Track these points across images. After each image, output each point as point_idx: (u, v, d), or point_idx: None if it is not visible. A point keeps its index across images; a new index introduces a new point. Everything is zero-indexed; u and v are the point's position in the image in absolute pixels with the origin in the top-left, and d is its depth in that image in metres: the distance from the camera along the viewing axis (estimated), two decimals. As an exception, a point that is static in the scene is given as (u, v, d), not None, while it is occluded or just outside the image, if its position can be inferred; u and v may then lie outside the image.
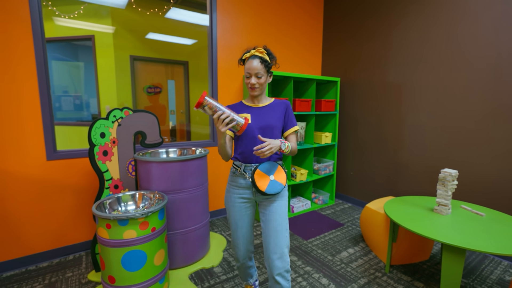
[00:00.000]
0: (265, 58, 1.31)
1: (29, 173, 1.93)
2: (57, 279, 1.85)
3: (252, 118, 1.35)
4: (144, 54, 3.08)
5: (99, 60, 2.80)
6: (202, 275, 1.91)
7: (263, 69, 1.30)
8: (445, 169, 1.71)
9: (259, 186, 1.22)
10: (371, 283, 1.83)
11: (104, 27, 2.62)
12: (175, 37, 2.93)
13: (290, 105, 1.43)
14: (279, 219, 1.29)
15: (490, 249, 1.30)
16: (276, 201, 1.32)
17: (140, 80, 3.26)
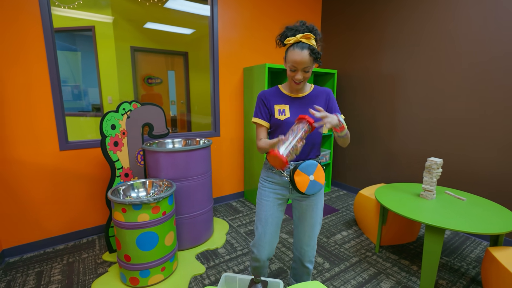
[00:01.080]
0: (314, 46, 1.11)
1: (44, 163, 2.06)
2: (74, 259, 2.01)
3: (292, 111, 1.23)
4: (144, 45, 3.14)
5: (100, 51, 2.86)
6: (207, 255, 2.08)
7: (311, 61, 1.12)
8: (431, 158, 1.86)
9: (299, 187, 1.16)
10: (361, 262, 2.01)
11: (104, 17, 2.67)
12: (175, 27, 2.98)
13: (332, 93, 1.29)
14: (316, 216, 1.31)
15: (464, 228, 1.47)
16: (314, 198, 1.30)
17: (140, 71, 3.34)
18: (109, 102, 2.97)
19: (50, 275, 1.83)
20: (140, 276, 1.66)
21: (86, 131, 2.32)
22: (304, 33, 1.11)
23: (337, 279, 1.81)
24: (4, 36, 1.85)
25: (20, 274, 1.84)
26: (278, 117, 1.24)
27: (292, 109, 1.23)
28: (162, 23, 2.93)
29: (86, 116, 2.41)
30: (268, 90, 1.30)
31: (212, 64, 2.90)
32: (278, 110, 1.24)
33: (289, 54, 1.12)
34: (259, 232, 1.30)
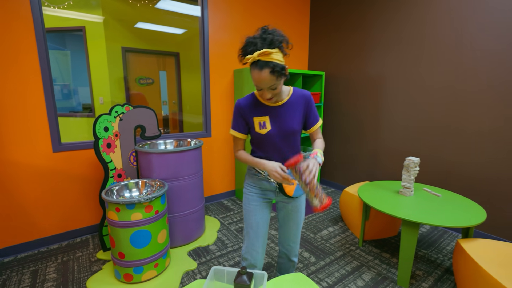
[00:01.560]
0: (275, 62, 1.02)
1: (38, 164, 2.10)
2: (68, 258, 2.06)
3: (272, 123, 1.20)
4: (135, 46, 3.18)
5: (91, 51, 2.89)
6: (199, 252, 2.16)
7: (275, 78, 1.05)
8: (409, 157, 1.99)
9: (287, 192, 1.21)
10: (345, 255, 2.13)
11: (94, 17, 2.69)
12: (166, 27, 3.03)
13: (311, 98, 1.25)
14: (301, 216, 1.38)
15: (437, 222, 1.59)
16: (298, 200, 1.36)
17: (132, 71, 3.37)
18: (101, 102, 3.00)
19: (45, 273, 1.89)
20: (134, 272, 1.73)
21: (78, 131, 2.36)
22: (262, 49, 1.00)
23: (322, 272, 1.93)
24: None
25: (15, 273, 1.89)
26: (259, 131, 1.21)
27: (272, 119, 1.20)
28: (153, 23, 2.97)
29: (77, 117, 2.44)
30: (245, 100, 1.23)
31: (203, 66, 2.97)
32: (258, 123, 1.21)
33: (251, 74, 1.07)
34: (251, 237, 1.30)
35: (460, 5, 2.29)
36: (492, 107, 2.18)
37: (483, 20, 2.17)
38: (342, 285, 1.79)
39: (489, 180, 2.25)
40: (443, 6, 2.39)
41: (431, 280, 1.84)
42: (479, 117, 2.26)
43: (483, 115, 2.24)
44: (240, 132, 1.26)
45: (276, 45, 1.03)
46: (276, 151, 1.25)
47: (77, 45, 2.67)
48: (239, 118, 1.24)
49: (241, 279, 1.06)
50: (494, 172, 2.22)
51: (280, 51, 1.05)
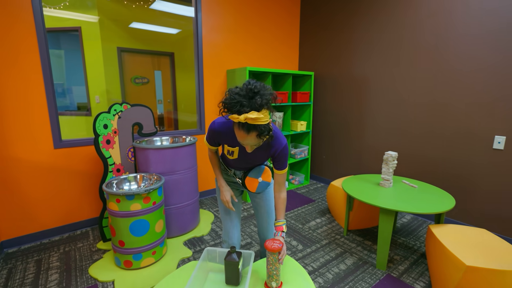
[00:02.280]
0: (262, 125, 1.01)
1: (40, 160, 2.21)
2: (70, 248, 2.18)
3: (239, 153, 1.31)
4: (131, 46, 3.29)
5: (87, 51, 2.99)
6: (194, 242, 2.30)
7: (261, 140, 1.08)
8: (388, 152, 2.16)
9: (250, 189, 1.40)
10: (330, 243, 2.29)
11: (90, 17, 2.78)
12: (160, 27, 3.13)
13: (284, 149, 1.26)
14: (269, 204, 1.54)
15: (410, 209, 1.76)
16: (264, 192, 1.51)
17: (127, 71, 3.48)
18: (97, 101, 3.11)
19: (48, 262, 2.01)
20: (133, 259, 1.87)
21: (76, 129, 2.46)
22: (250, 112, 0.96)
23: (308, 257, 2.08)
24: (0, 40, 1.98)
25: (20, 262, 2.00)
26: (226, 155, 1.37)
27: (241, 152, 1.30)
28: (148, 23, 3.08)
29: (73, 115, 2.53)
30: (221, 127, 1.23)
31: (197, 67, 3.09)
32: (227, 150, 1.33)
33: (236, 131, 1.05)
34: (226, 224, 1.49)
35: (439, 9, 2.46)
36: (469, 108, 2.37)
37: (462, 23, 2.35)
38: (326, 268, 1.95)
39: (461, 174, 2.44)
40: (423, 10, 2.57)
41: (407, 264, 2.02)
42: (457, 116, 2.44)
43: (460, 116, 2.42)
44: (213, 146, 1.38)
45: (263, 107, 1.00)
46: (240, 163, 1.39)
47: (72, 44, 2.75)
48: (212, 137, 1.31)
49: (231, 257, 1.20)
50: (466, 167, 2.40)
51: (268, 110, 1.03)
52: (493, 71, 2.19)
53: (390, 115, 2.93)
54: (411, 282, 1.82)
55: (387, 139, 2.98)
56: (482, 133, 2.29)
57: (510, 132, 2.15)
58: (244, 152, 1.31)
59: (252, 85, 1.00)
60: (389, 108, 2.92)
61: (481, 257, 1.45)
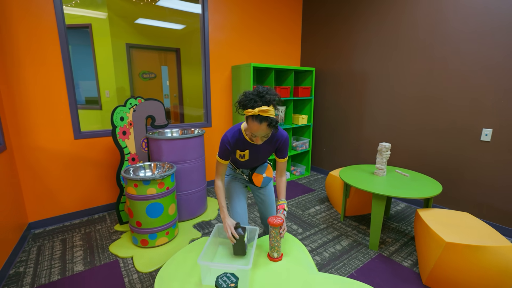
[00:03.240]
0: (271, 118, 1.23)
1: (61, 150, 2.42)
2: (90, 230, 2.40)
3: (250, 154, 1.50)
4: (139, 42, 3.45)
5: (97, 47, 3.16)
6: (202, 225, 2.51)
7: (270, 130, 1.27)
8: (382, 143, 2.33)
9: (256, 183, 1.60)
10: (328, 227, 2.48)
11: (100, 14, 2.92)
12: (167, 23, 3.28)
13: (286, 141, 1.50)
14: (272, 197, 1.73)
15: (399, 194, 1.94)
16: (267, 187, 1.72)
17: (135, 66, 3.65)
18: (107, 96, 3.29)
19: (72, 241, 2.23)
20: (149, 238, 2.08)
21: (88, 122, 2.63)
22: (261, 106, 1.20)
23: (307, 239, 2.28)
24: (28, 41, 2.17)
25: (48, 241, 2.22)
26: (238, 158, 1.53)
27: (251, 152, 1.49)
28: (155, 19, 3.22)
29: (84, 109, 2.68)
30: (232, 136, 1.43)
31: (204, 63, 3.26)
32: (239, 154, 1.51)
33: (249, 124, 1.25)
34: (235, 211, 1.63)
35: (434, 8, 2.60)
36: (460, 102, 2.52)
37: (454, 23, 2.49)
38: (323, 249, 2.15)
39: (451, 164, 2.60)
40: (419, 9, 2.70)
41: (397, 245, 2.21)
42: (448, 110, 2.60)
43: (451, 109, 2.58)
44: (224, 160, 1.49)
45: (272, 103, 1.24)
46: (246, 168, 1.60)
47: (83, 41, 2.91)
48: (225, 150, 1.45)
49: (237, 231, 1.40)
50: (455, 158, 2.57)
51: (274, 108, 1.26)
52: (482, 68, 2.34)
53: (386, 110, 3.09)
54: (400, 261, 2.01)
55: (383, 132, 3.15)
56: (471, 126, 2.45)
57: (496, 125, 2.31)
58: (253, 152, 1.50)
59: (261, 89, 1.26)
60: (386, 102, 3.08)
61: (460, 235, 1.63)
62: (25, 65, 2.19)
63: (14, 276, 1.82)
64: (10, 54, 2.12)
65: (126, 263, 1.96)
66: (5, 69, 2.12)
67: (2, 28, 2.07)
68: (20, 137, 2.23)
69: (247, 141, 1.45)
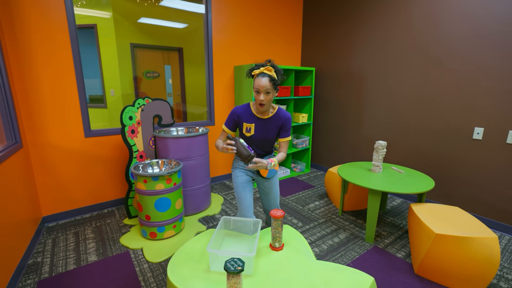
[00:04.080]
0: (273, 76, 1.50)
1: (73, 147, 2.54)
2: (101, 224, 2.53)
3: (256, 130, 1.64)
4: (143, 42, 3.54)
5: (102, 47, 3.27)
6: (207, 219, 2.63)
7: (271, 86, 1.50)
8: (378, 141, 2.44)
9: (263, 174, 1.69)
10: (327, 222, 2.61)
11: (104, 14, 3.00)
12: (169, 22, 3.34)
13: (289, 120, 1.67)
14: (276, 190, 1.83)
15: (393, 190, 2.06)
16: (272, 179, 1.80)
17: (140, 65, 3.76)
18: (112, 94, 3.40)
19: (85, 234, 2.36)
20: (157, 231, 2.20)
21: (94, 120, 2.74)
22: (266, 66, 1.54)
23: (306, 232, 2.41)
24: (41, 42, 2.28)
25: (61, 234, 2.35)
26: (244, 133, 1.71)
27: (257, 127, 1.65)
28: (158, 18, 3.30)
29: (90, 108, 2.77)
30: (241, 109, 1.68)
31: (207, 63, 3.36)
32: (245, 127, 1.69)
33: (255, 81, 1.53)
34: (241, 202, 1.72)
35: (429, 10, 2.70)
36: (453, 102, 2.63)
37: (449, 25, 2.59)
38: (322, 241, 2.28)
39: (444, 161, 2.72)
40: (415, 10, 2.80)
41: (392, 238, 2.33)
42: (441, 110, 2.71)
43: (444, 109, 2.69)
44: (228, 129, 1.73)
45: (276, 69, 1.55)
46: (254, 146, 1.74)
47: (88, 40, 3.00)
48: (232, 120, 1.70)
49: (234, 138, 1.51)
50: (449, 155, 2.68)
51: (275, 74, 1.54)
52: (475, 68, 2.44)
53: (384, 109, 3.19)
54: (394, 252, 2.14)
55: (380, 131, 3.26)
56: (463, 125, 2.56)
57: (488, 123, 2.42)
58: (259, 127, 1.65)
59: (269, 61, 1.58)
60: (383, 102, 3.19)
61: (449, 227, 1.75)
62: (39, 67, 2.30)
63: (33, 266, 1.95)
64: (26, 57, 2.23)
65: (136, 254, 2.09)
66: (22, 71, 2.23)
67: (18, 32, 2.18)
68: (34, 136, 2.35)
69: (254, 116, 1.64)
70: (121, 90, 3.48)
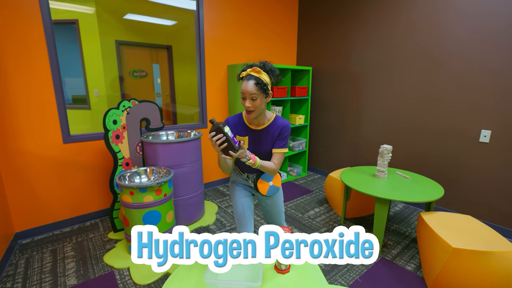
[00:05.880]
0: (261, 78, 1.25)
1: (49, 155, 2.28)
2: (82, 239, 2.28)
3: (250, 142, 1.41)
4: (128, 39, 3.29)
5: (84, 44, 3.00)
6: (201, 231, 2.43)
7: (258, 91, 1.25)
8: (383, 145, 2.30)
9: (261, 192, 1.46)
10: (329, 230, 2.45)
11: (87, 9, 2.78)
12: (156, 18, 3.09)
13: (286, 128, 1.40)
14: (280, 208, 1.63)
15: (402, 198, 1.92)
16: (275, 196, 1.58)
17: (126, 64, 3.50)
18: (96, 95, 3.14)
19: (63, 252, 2.11)
20: (146, 247, 1.98)
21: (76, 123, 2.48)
22: (256, 68, 1.27)
23: (308, 244, 2.24)
24: (8, 36, 2.01)
25: (36, 252, 2.10)
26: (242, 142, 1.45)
27: (251, 140, 1.41)
28: (144, 14, 3.04)
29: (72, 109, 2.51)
30: (233, 119, 1.43)
31: (199, 62, 3.15)
32: (238, 140, 1.41)
33: (241, 86, 1.29)
34: (240, 221, 1.51)
35: (431, 9, 2.58)
36: (459, 104, 2.52)
37: (452, 25, 2.48)
38: (326, 253, 2.11)
39: (450, 165, 2.61)
40: (417, 9, 2.68)
41: (399, 248, 2.20)
42: (447, 111, 2.60)
43: (450, 110, 2.58)
44: None
45: (267, 70, 1.30)
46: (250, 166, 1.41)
47: (68, 37, 2.74)
48: None
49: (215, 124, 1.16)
50: (454, 159, 2.58)
51: (268, 76, 1.30)
52: (481, 69, 2.34)
53: (384, 110, 3.07)
54: (403, 264, 2.00)
55: (381, 132, 3.14)
56: (469, 128, 2.46)
57: (495, 126, 2.32)
58: (253, 140, 1.42)
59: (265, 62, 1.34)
60: (383, 103, 3.06)
61: (466, 240, 1.62)
62: (9, 65, 2.03)
63: (1, 293, 1.70)
64: (-9, 53, 1.97)
65: (122, 274, 1.86)
66: (-14, 69, 1.97)
67: (-18, 25, 1.91)
68: (3, 143, 2.08)
69: (247, 127, 1.42)
70: (105, 90, 3.23)
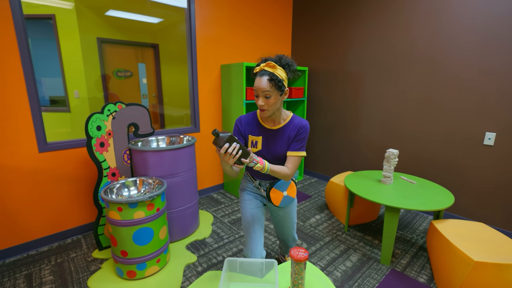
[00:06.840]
0: (276, 74, 1.15)
1: (23, 166, 2.01)
2: (63, 259, 2.03)
3: (263, 143, 1.30)
4: (112, 36, 3.04)
5: (62, 41, 2.73)
6: (196, 245, 2.23)
7: (272, 88, 1.15)
8: (389, 149, 2.20)
9: (274, 202, 1.35)
10: (333, 240, 2.32)
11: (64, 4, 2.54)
12: (141, 16, 2.89)
13: (304, 129, 1.28)
14: (292, 219, 1.54)
15: (414, 207, 1.81)
16: (288, 207, 1.48)
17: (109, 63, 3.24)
18: (76, 96, 2.87)
19: (40, 276, 1.85)
20: (137, 269, 1.77)
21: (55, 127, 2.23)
22: (270, 62, 1.17)
23: (314, 256, 2.10)
24: (-28, 34, 1.74)
25: (7, 278, 1.83)
26: (250, 147, 1.36)
27: (264, 141, 1.30)
28: (128, 11, 2.84)
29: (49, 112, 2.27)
30: (246, 117, 1.34)
31: (190, 62, 2.95)
32: (251, 141, 1.34)
33: (255, 82, 1.19)
34: (249, 234, 1.38)
35: (431, 8, 2.51)
36: (462, 105, 2.46)
37: (453, 25, 2.41)
38: (334, 267, 1.98)
39: (454, 169, 2.55)
40: (417, 8, 2.60)
41: (408, 257, 2.09)
42: (449, 113, 2.54)
43: (453, 112, 2.52)
44: None
45: (282, 64, 1.20)
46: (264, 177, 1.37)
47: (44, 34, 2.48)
48: (237, 130, 1.37)
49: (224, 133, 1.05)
50: (458, 162, 2.52)
51: (284, 71, 1.20)
52: (484, 71, 2.28)
53: (384, 112, 2.98)
54: (414, 276, 1.89)
55: (380, 135, 3.05)
56: (473, 130, 2.40)
57: (500, 128, 2.27)
58: (267, 141, 1.31)
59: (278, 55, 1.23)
60: (383, 104, 2.98)
61: (486, 252, 1.53)
62: (-29, 64, 1.76)
63: (-36, 333, 1.44)
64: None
65: (110, 302, 1.64)
66: None
67: None
68: (-33, 153, 1.80)
69: (262, 126, 1.32)
70: (87, 91, 2.96)
